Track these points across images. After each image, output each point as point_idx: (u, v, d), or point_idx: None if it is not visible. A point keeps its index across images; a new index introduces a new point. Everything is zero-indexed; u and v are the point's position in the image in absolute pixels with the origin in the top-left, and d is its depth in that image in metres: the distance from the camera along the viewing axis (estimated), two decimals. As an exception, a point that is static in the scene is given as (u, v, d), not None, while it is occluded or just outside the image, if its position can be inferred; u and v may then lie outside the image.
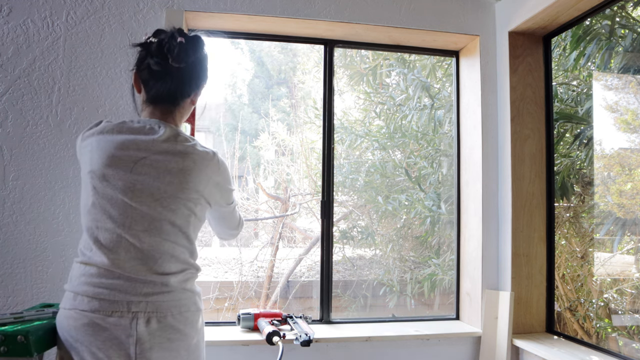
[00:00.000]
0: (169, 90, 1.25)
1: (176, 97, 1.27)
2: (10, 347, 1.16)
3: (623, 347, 2.51)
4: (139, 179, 1.16)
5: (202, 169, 1.23)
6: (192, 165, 1.21)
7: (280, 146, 4.13)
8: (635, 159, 2.54)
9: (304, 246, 3.98)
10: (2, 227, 1.82)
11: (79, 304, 1.15)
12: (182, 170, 1.19)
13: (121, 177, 1.16)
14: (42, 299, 1.83)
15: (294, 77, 4.67)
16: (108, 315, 1.13)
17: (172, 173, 1.18)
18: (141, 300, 1.15)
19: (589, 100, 2.73)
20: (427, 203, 3.33)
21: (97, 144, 1.18)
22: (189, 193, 1.21)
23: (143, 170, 1.17)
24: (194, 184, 1.21)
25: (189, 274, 1.25)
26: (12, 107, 1.85)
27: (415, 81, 3.49)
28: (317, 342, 1.99)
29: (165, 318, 1.17)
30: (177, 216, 1.20)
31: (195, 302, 1.26)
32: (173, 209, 1.19)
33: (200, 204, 1.25)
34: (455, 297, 2.41)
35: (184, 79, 1.26)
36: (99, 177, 1.16)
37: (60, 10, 1.90)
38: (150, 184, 1.17)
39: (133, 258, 1.16)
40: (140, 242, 1.16)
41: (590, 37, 2.50)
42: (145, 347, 1.14)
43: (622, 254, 2.66)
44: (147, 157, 1.17)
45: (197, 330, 1.26)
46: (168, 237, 1.19)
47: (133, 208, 1.16)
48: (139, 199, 1.16)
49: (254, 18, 2.09)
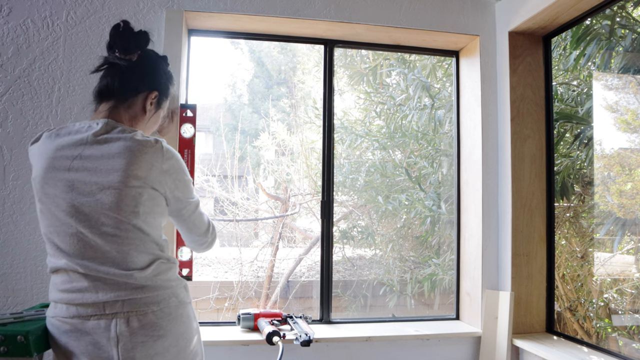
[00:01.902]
0: (112, 83, 1.21)
1: (115, 90, 1.21)
2: (10, 347, 1.16)
3: (623, 347, 2.51)
4: (77, 177, 1.13)
5: (141, 155, 1.14)
6: (128, 153, 1.13)
7: (280, 146, 4.13)
8: (635, 159, 2.54)
9: (304, 246, 3.98)
10: (2, 227, 1.82)
11: (59, 312, 1.16)
12: (118, 159, 1.13)
13: (60, 178, 1.13)
14: (42, 299, 1.83)
15: (294, 77, 4.68)
16: (86, 320, 1.13)
17: (108, 164, 1.13)
18: (116, 299, 1.12)
19: (589, 100, 2.73)
20: (427, 203, 3.33)
21: (38, 151, 1.18)
22: (129, 181, 1.12)
23: (79, 167, 1.13)
24: (132, 171, 1.13)
25: (159, 266, 1.19)
26: (12, 107, 1.85)
27: (415, 81, 3.49)
28: (317, 342, 1.99)
29: (146, 316, 1.14)
30: (124, 209, 1.13)
31: (175, 294, 1.21)
32: (118, 202, 1.12)
33: (145, 193, 1.16)
34: (455, 297, 2.41)
35: (129, 74, 1.22)
36: (40, 182, 1.15)
37: (60, 10, 1.90)
38: (88, 180, 1.13)
39: (92, 257, 1.13)
40: (95, 239, 1.13)
41: (590, 37, 2.50)
42: (127, 347, 1.12)
43: (622, 254, 2.66)
44: (81, 153, 1.14)
45: (183, 323, 1.21)
46: (120, 231, 1.14)
47: (76, 207, 1.13)
48: (81, 198, 1.12)
49: (254, 18, 2.09)
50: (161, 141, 1.20)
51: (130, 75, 1.22)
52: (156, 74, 1.28)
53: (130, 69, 1.21)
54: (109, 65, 1.22)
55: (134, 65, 1.22)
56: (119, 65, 1.21)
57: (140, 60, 1.23)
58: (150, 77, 1.27)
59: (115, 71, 1.21)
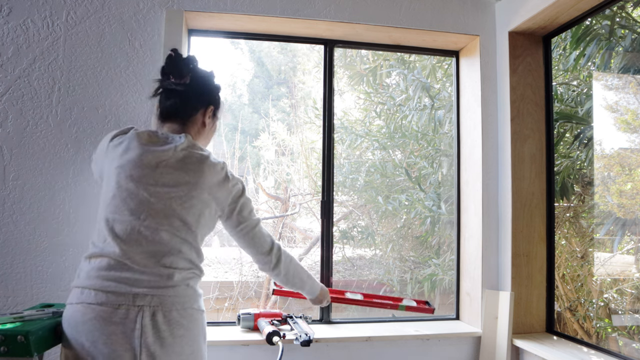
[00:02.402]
0: (174, 106, 1.39)
1: (180, 110, 1.39)
2: (10, 347, 1.16)
3: (623, 347, 2.51)
4: (160, 179, 1.28)
5: (214, 175, 1.35)
6: (207, 170, 1.33)
7: (280, 146, 4.13)
8: (635, 159, 2.54)
9: (304, 246, 3.98)
10: (2, 227, 1.82)
11: (86, 298, 1.20)
12: (197, 173, 1.31)
13: (145, 174, 1.27)
14: (42, 299, 1.83)
15: (294, 77, 4.68)
16: (115, 309, 1.18)
17: (188, 175, 1.30)
18: (146, 293, 1.20)
19: (589, 101, 2.73)
20: (427, 203, 3.34)
21: (128, 144, 1.31)
22: (202, 193, 1.31)
23: (164, 171, 1.29)
24: (207, 186, 1.32)
25: (192, 273, 1.31)
26: (12, 107, 1.85)
27: (415, 81, 3.49)
28: (317, 342, 1.99)
29: (171, 312, 1.22)
30: (189, 214, 1.29)
31: (197, 301, 1.31)
32: (186, 207, 1.29)
33: (210, 206, 1.34)
34: (455, 297, 2.41)
35: (186, 95, 1.39)
36: (125, 172, 1.27)
37: (60, 10, 1.90)
38: (168, 184, 1.28)
39: (144, 251, 1.23)
40: (153, 234, 1.24)
41: (590, 37, 2.51)
42: (149, 341, 1.18)
43: (622, 254, 2.66)
44: (168, 159, 1.30)
45: (200, 329, 1.31)
46: (179, 233, 1.27)
47: (151, 203, 1.26)
48: (157, 196, 1.27)
49: (254, 18, 2.09)
50: (226, 165, 1.42)
51: (189, 96, 1.40)
52: (209, 90, 1.47)
53: (187, 91, 1.39)
54: (167, 90, 1.39)
55: (189, 87, 1.39)
56: (176, 90, 1.38)
57: (194, 81, 1.40)
58: (205, 94, 1.45)
59: (176, 94, 1.39)
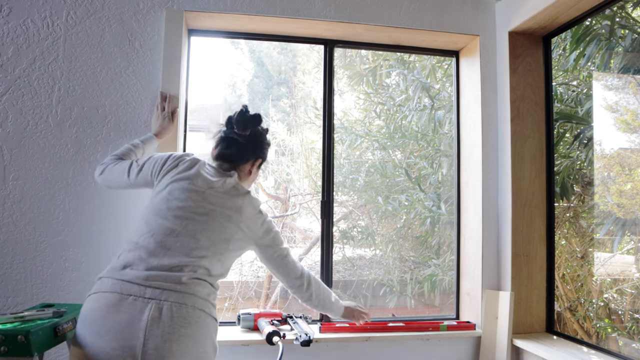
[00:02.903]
0: (231, 153, 1.56)
1: (235, 159, 1.57)
2: (10, 347, 1.16)
3: (623, 347, 2.51)
4: (207, 198, 1.44)
5: (252, 208, 1.52)
6: (247, 201, 1.51)
7: (280, 146, 4.13)
8: (635, 159, 2.54)
9: (304, 246, 3.98)
10: (2, 227, 1.82)
11: (102, 287, 1.25)
12: (238, 202, 1.49)
13: (197, 194, 1.43)
14: (42, 299, 1.83)
15: (294, 78, 4.68)
16: (124, 297, 1.21)
17: (231, 201, 1.47)
18: (159, 287, 1.24)
19: (589, 101, 2.73)
20: (427, 203, 3.34)
21: (189, 165, 1.50)
22: (239, 220, 1.47)
23: (212, 193, 1.46)
24: (244, 216, 1.49)
25: (210, 289, 1.38)
26: (12, 107, 1.85)
27: (415, 82, 3.49)
28: (317, 342, 1.99)
29: (180, 309, 1.24)
30: (222, 235, 1.43)
31: (209, 307, 1.36)
32: (223, 227, 1.43)
33: (241, 232, 1.48)
34: (455, 297, 2.41)
35: (244, 147, 1.57)
36: (182, 187, 1.43)
37: (60, 10, 1.90)
38: (213, 202, 1.44)
39: (173, 255, 1.31)
40: (186, 243, 1.35)
41: (590, 37, 2.51)
42: (154, 333, 1.19)
43: (622, 254, 2.66)
44: (215, 187, 1.48)
45: (208, 335, 1.33)
46: (211, 247, 1.39)
47: (196, 220, 1.39)
48: (201, 211, 1.41)
49: (254, 18, 2.09)
50: (262, 206, 1.58)
51: (246, 148, 1.58)
52: (262, 145, 1.63)
53: (245, 144, 1.57)
54: (229, 138, 1.57)
55: (247, 139, 1.56)
56: (236, 140, 1.56)
57: (252, 136, 1.57)
58: (258, 149, 1.62)
59: (236, 145, 1.56)
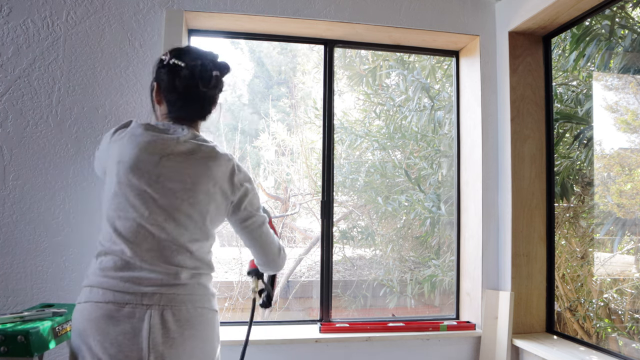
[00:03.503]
0: (193, 112, 1.34)
1: (197, 118, 1.36)
2: (10, 347, 1.16)
3: (623, 347, 2.51)
4: (163, 173, 1.22)
5: (220, 166, 1.29)
6: (212, 162, 1.27)
7: (280, 146, 4.13)
8: (635, 159, 2.54)
9: (304, 246, 3.98)
10: (2, 227, 1.82)
11: (93, 296, 1.16)
12: (202, 166, 1.26)
13: (147, 170, 1.21)
14: (42, 299, 1.83)
15: (294, 78, 4.68)
16: (121, 307, 1.14)
17: (192, 168, 1.25)
18: (155, 292, 1.16)
19: (589, 101, 2.73)
20: (427, 204, 3.33)
21: (129, 139, 1.25)
22: (207, 186, 1.26)
23: (167, 164, 1.23)
24: (212, 179, 1.26)
25: (202, 270, 1.27)
26: (12, 107, 1.85)
27: (415, 82, 3.49)
28: (317, 342, 1.99)
29: (180, 311, 1.18)
30: (195, 209, 1.24)
31: (209, 300, 1.27)
32: (192, 202, 1.23)
33: (215, 200, 1.28)
34: (455, 297, 2.41)
35: (207, 102, 1.35)
36: (126, 167, 1.21)
37: (60, 10, 1.90)
38: (172, 178, 1.22)
39: (151, 249, 1.19)
40: (159, 232, 1.20)
41: (590, 37, 2.51)
42: (158, 341, 1.14)
43: (622, 254, 2.66)
44: (171, 153, 1.24)
45: (212, 329, 1.26)
46: (186, 229, 1.23)
47: (154, 199, 1.21)
48: (161, 192, 1.21)
49: (254, 18, 2.09)
50: (233, 157, 1.35)
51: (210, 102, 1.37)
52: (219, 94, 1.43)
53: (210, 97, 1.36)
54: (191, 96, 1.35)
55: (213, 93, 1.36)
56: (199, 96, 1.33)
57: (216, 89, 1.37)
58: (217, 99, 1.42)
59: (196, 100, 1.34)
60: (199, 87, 1.30)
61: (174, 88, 1.30)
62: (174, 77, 1.29)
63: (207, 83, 1.29)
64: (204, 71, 1.29)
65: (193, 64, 1.29)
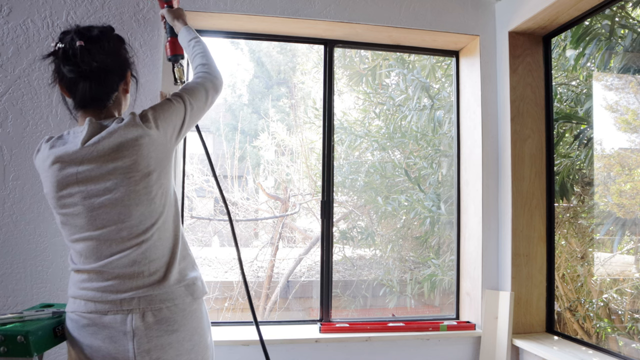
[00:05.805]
0: (93, 92, 1.21)
1: (101, 96, 1.22)
2: (10, 347, 1.16)
3: (623, 347, 2.51)
4: (86, 189, 1.16)
5: (131, 132, 1.15)
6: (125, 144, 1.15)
7: (280, 146, 4.13)
8: (635, 159, 2.54)
9: (304, 246, 3.98)
10: (2, 227, 1.82)
11: (77, 307, 1.20)
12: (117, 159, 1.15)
13: (70, 192, 1.16)
14: (42, 299, 1.83)
15: (294, 78, 4.68)
16: (104, 315, 1.16)
17: (109, 171, 1.15)
18: (133, 296, 1.17)
19: (589, 101, 2.73)
20: (426, 204, 3.33)
21: (42, 165, 1.20)
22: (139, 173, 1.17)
23: (85, 180, 1.15)
24: (140, 160, 1.16)
25: (176, 258, 1.24)
26: (12, 107, 1.85)
27: (414, 81, 3.49)
28: (317, 342, 1.99)
29: (161, 311, 1.19)
30: (140, 205, 1.18)
31: (190, 290, 1.25)
32: (132, 200, 1.17)
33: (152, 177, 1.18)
34: (455, 297, 2.41)
35: (103, 77, 1.21)
36: (52, 198, 1.19)
37: (60, 10, 1.90)
38: (98, 190, 1.16)
39: (116, 259, 1.17)
40: (117, 243, 1.18)
41: (590, 37, 2.51)
42: (142, 342, 1.17)
43: (622, 254, 2.66)
44: (78, 168, 1.15)
45: (197, 318, 1.26)
46: (141, 233, 1.18)
47: (95, 215, 1.17)
48: (98, 208, 1.16)
49: (254, 18, 2.09)
50: (136, 114, 1.19)
51: (107, 76, 1.25)
52: (122, 62, 1.32)
53: (103, 71, 1.24)
54: (79, 76, 1.23)
55: (105, 65, 1.24)
56: (88, 74, 1.22)
57: (106, 60, 1.24)
58: (122, 68, 1.31)
59: (89, 79, 1.23)
60: (79, 66, 1.17)
61: (63, 74, 1.20)
62: (59, 62, 1.20)
63: (80, 59, 1.16)
64: (72, 46, 1.18)
65: (65, 41, 1.19)
